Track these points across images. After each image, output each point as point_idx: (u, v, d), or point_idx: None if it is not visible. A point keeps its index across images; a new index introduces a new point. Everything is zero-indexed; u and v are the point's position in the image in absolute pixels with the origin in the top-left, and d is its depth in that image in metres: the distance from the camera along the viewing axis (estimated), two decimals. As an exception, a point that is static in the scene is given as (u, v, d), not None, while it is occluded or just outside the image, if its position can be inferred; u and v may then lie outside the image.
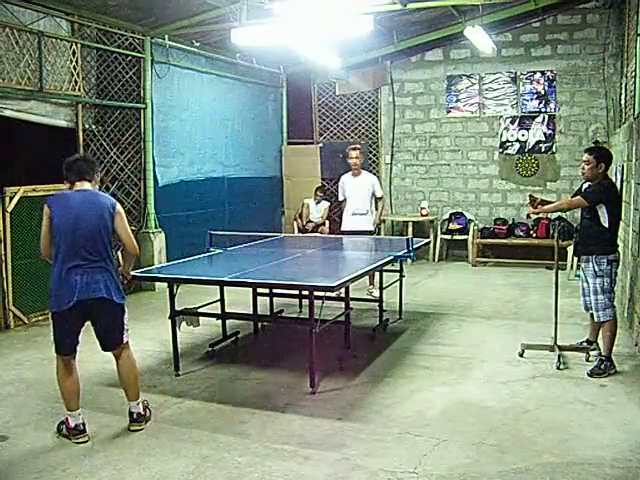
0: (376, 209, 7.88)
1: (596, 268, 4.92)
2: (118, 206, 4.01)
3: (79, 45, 7.35)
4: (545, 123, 10.38)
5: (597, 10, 9.89)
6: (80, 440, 3.88)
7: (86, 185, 3.99)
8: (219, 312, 5.82)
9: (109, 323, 4.00)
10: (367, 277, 7.10)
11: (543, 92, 10.37)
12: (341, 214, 8.06)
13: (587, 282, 5.06)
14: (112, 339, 4.05)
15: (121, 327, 4.05)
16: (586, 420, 4.11)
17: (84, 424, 3.93)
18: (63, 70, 7.16)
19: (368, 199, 7.73)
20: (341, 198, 8.02)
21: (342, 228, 7.88)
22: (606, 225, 4.89)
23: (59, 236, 3.83)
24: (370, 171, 8.02)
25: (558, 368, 5.05)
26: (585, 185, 5.12)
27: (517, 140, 10.55)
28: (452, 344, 5.87)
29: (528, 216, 5.88)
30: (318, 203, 10.51)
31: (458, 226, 10.66)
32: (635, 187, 5.82)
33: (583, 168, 5.02)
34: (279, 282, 5.10)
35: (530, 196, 5.46)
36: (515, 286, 8.53)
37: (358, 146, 8.02)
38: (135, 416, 4.06)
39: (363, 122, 11.55)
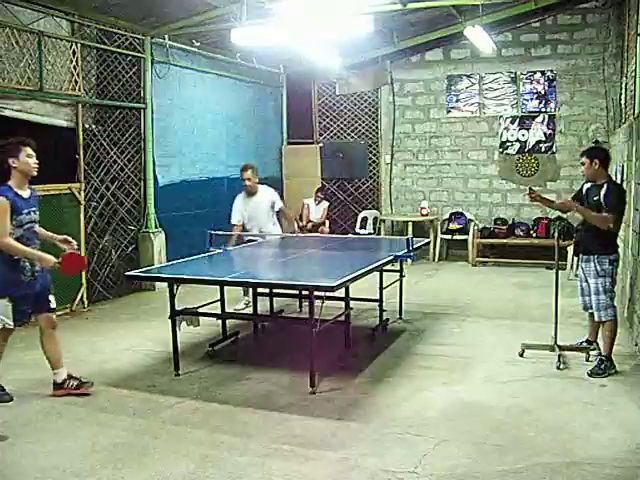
0: (279, 221, 7.60)
1: (598, 268, 4.93)
2: None
3: (79, 45, 7.34)
4: (545, 123, 10.38)
5: (597, 10, 9.89)
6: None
7: None
8: (219, 312, 5.82)
9: None
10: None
11: (543, 92, 10.36)
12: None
13: (587, 282, 5.06)
14: None
15: None
16: (586, 420, 4.11)
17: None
18: (63, 70, 7.16)
19: (268, 217, 7.39)
20: (233, 221, 7.28)
21: None
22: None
23: None
24: (370, 171, 7.91)
25: (558, 368, 5.05)
26: (587, 185, 5.13)
27: (517, 140, 10.55)
28: (452, 344, 5.86)
29: (531, 197, 5.31)
30: (318, 204, 10.53)
31: (458, 226, 10.65)
32: (635, 187, 5.82)
33: (583, 171, 5.08)
34: (279, 282, 5.11)
35: (530, 188, 5.43)
36: (515, 286, 8.53)
37: (249, 164, 7.50)
38: None
39: (363, 122, 11.55)
